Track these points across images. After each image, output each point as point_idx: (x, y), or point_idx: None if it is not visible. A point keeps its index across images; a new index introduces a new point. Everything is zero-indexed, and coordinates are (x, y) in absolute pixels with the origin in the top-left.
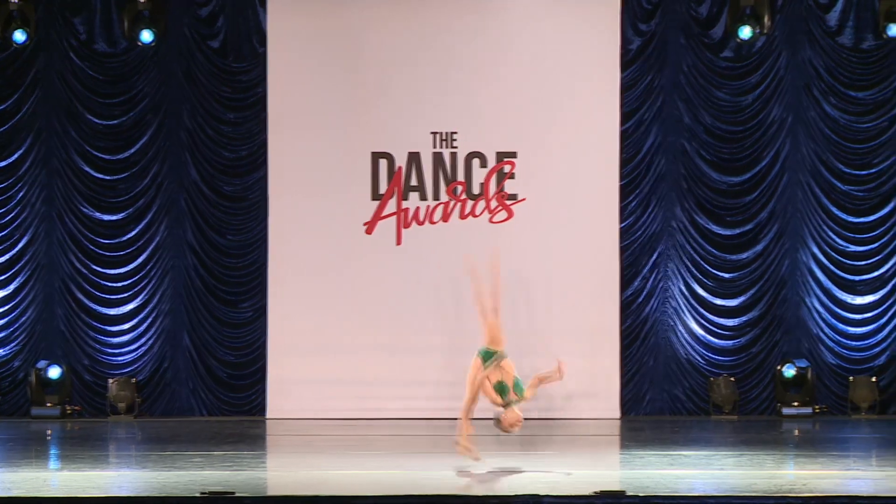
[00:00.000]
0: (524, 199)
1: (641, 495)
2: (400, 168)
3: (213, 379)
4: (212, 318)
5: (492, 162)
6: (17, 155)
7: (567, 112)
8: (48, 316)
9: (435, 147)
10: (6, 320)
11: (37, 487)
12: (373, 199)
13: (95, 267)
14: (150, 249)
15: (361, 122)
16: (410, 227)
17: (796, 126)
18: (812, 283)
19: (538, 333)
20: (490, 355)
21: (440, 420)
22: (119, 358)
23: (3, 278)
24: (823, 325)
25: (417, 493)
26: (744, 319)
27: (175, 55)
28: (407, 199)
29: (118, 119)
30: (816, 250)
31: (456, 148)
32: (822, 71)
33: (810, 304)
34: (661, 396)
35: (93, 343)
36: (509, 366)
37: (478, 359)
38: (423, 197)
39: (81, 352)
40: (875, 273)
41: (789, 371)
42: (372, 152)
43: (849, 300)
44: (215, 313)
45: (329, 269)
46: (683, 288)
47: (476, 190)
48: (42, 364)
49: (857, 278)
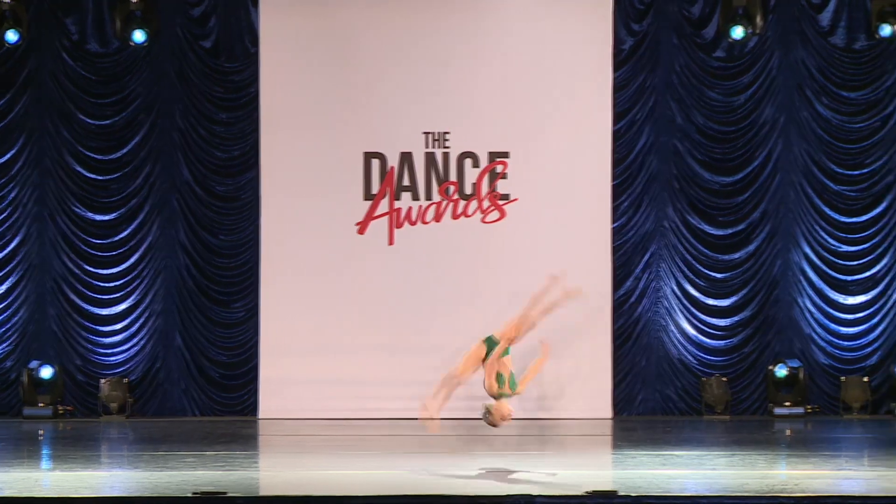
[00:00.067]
0: (516, 199)
1: (633, 495)
2: (392, 168)
3: (206, 379)
4: (204, 319)
5: (484, 162)
6: (9, 155)
7: (559, 112)
8: (40, 316)
9: (427, 147)
10: None
11: (28, 487)
12: (365, 199)
13: (88, 267)
14: (143, 249)
15: (354, 123)
16: (403, 228)
17: (788, 126)
18: (804, 283)
19: (530, 333)
20: (494, 345)
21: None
22: (111, 358)
23: None
24: (815, 325)
25: (409, 493)
26: (736, 319)
27: (167, 55)
28: (399, 199)
29: (110, 119)
30: (808, 250)
31: (448, 148)
32: (815, 71)
33: (802, 304)
34: (654, 396)
35: (85, 343)
36: (508, 361)
37: (482, 343)
38: (416, 197)
39: (73, 352)
40: (867, 273)
41: (781, 371)
42: (364, 152)
43: (841, 300)
44: (207, 313)
45: (321, 270)
46: (675, 288)
47: (468, 190)
48: (34, 364)
49: (849, 278)
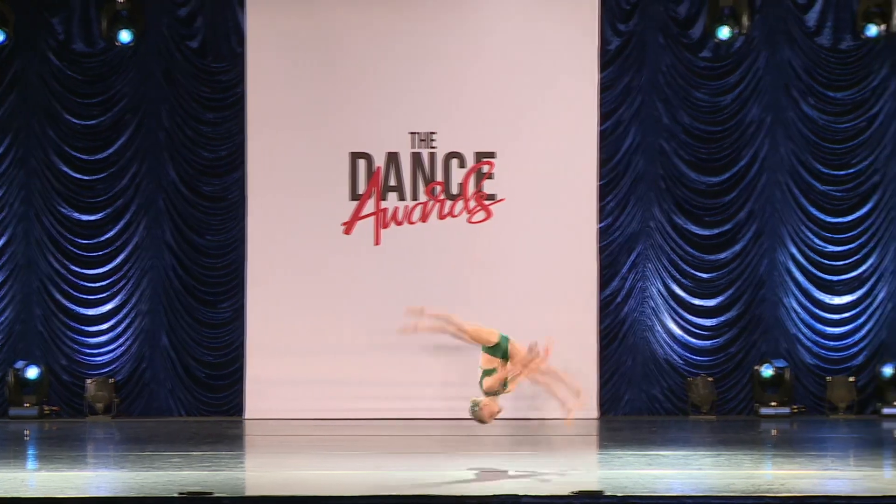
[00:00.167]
0: (503, 200)
1: (619, 495)
2: (378, 168)
3: (192, 379)
4: (190, 319)
5: (470, 162)
6: None
7: (546, 112)
8: (26, 316)
9: (413, 147)
10: None
11: (14, 488)
12: (351, 200)
13: (74, 267)
14: (129, 250)
15: (340, 123)
16: (389, 228)
17: (775, 126)
18: (790, 283)
19: (516, 334)
20: (504, 345)
21: (418, 420)
22: (97, 358)
23: None
24: (801, 325)
25: (395, 494)
26: (722, 319)
27: (154, 55)
28: (385, 200)
29: (97, 119)
30: (794, 250)
31: (434, 148)
32: (801, 71)
33: (788, 304)
34: (640, 396)
35: (71, 343)
36: (509, 365)
37: (497, 335)
38: (402, 197)
39: (59, 352)
40: (853, 273)
41: (767, 371)
42: (350, 152)
43: (827, 300)
44: (194, 313)
45: (308, 270)
46: (662, 288)
47: (455, 190)
48: (20, 364)
49: (835, 278)
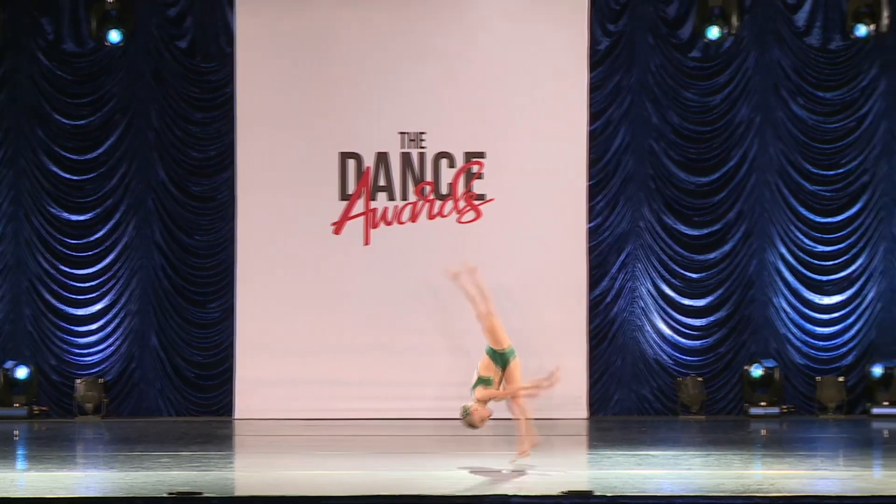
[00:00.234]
0: (492, 200)
1: (609, 495)
2: (368, 168)
3: (181, 379)
4: (180, 319)
5: (460, 162)
6: None
7: (535, 112)
8: (16, 316)
9: (403, 147)
10: None
11: (4, 488)
12: (341, 200)
13: (63, 267)
14: (118, 250)
15: (329, 123)
16: (378, 228)
17: (764, 126)
18: (780, 283)
19: (509, 333)
20: (496, 355)
21: (407, 420)
22: (87, 358)
23: None
24: (791, 325)
25: (385, 494)
26: (711, 319)
27: (143, 55)
28: (375, 200)
29: (86, 119)
30: (784, 250)
31: (424, 148)
32: (790, 71)
33: (778, 304)
34: (629, 396)
35: (60, 343)
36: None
37: (486, 358)
38: (392, 197)
39: (49, 352)
40: (842, 273)
41: (757, 371)
42: (340, 152)
43: (816, 300)
44: (183, 314)
45: (297, 270)
46: (651, 288)
47: (444, 190)
48: (9, 364)
49: (825, 278)
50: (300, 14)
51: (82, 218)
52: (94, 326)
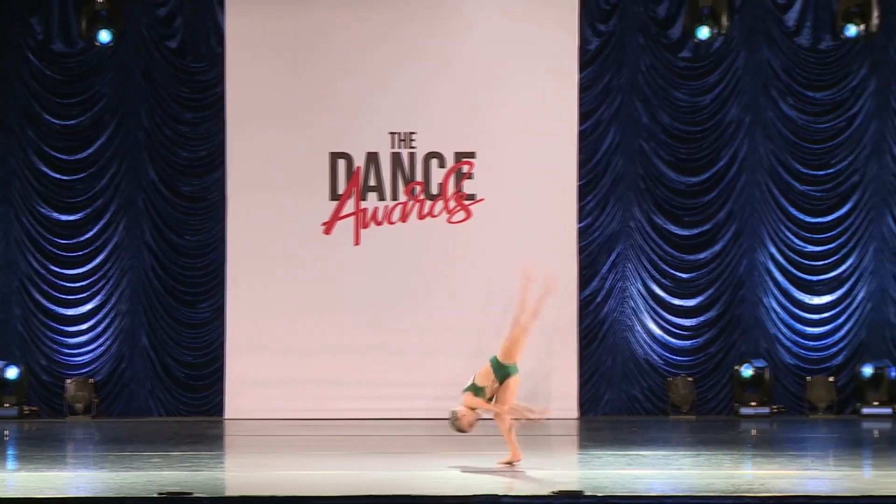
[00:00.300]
0: (482, 200)
1: (599, 495)
2: (358, 168)
3: (172, 379)
4: (170, 319)
5: (450, 162)
6: None
7: (525, 112)
8: (6, 316)
9: (393, 147)
10: None
11: None
12: (331, 200)
13: (53, 267)
14: (108, 250)
15: (320, 123)
16: (369, 228)
17: (754, 126)
18: (770, 283)
19: (496, 334)
20: (500, 367)
21: (398, 420)
22: (77, 358)
23: None
24: (781, 325)
25: (376, 494)
26: (702, 319)
27: (133, 55)
28: (365, 200)
29: (76, 119)
30: (774, 250)
31: (414, 148)
32: (780, 71)
33: (768, 304)
34: (620, 396)
35: (50, 343)
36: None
37: (487, 367)
38: (382, 197)
39: (39, 352)
40: (832, 273)
41: (747, 371)
42: (330, 152)
43: (806, 300)
44: (173, 314)
45: (287, 270)
46: (642, 288)
47: (434, 190)
48: None
49: (815, 278)
50: (290, 14)
51: (72, 218)
52: (85, 326)
